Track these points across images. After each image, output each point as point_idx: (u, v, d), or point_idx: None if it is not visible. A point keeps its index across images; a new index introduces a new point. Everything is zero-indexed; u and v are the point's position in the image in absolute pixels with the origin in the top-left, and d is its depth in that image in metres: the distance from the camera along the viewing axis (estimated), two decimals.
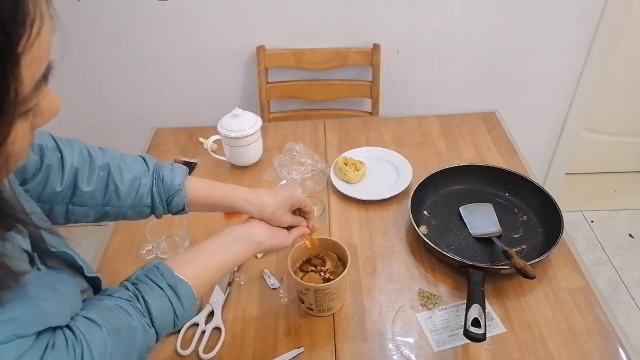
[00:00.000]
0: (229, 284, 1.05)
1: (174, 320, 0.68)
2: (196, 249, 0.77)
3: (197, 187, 0.85)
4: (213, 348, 0.93)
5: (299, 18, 1.77)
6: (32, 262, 0.54)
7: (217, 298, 1.01)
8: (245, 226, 0.83)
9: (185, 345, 0.94)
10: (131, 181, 0.80)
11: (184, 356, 0.93)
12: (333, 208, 1.25)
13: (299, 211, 0.92)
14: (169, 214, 0.86)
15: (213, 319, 0.98)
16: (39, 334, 0.52)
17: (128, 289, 0.66)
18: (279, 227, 0.87)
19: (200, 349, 0.93)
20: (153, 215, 0.85)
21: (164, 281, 0.67)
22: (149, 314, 0.64)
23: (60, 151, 0.75)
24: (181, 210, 0.85)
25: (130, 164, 0.82)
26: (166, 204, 0.83)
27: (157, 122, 1.62)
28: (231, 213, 1.20)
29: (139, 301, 0.65)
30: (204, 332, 0.96)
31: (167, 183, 0.82)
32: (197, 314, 0.98)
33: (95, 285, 0.71)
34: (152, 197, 0.82)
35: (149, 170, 0.83)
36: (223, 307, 1.01)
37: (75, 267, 0.66)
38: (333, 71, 1.84)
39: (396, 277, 1.06)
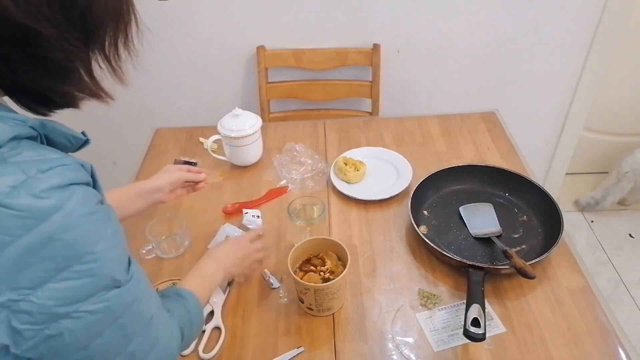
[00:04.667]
0: (229, 283, 1.05)
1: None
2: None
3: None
4: (213, 348, 0.93)
5: (299, 18, 1.77)
6: None
7: (217, 298, 1.01)
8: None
9: None
10: None
11: (184, 356, 0.93)
12: (333, 208, 1.25)
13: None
14: None
15: (213, 319, 0.98)
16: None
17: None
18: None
19: (200, 349, 0.93)
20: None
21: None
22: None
23: None
24: None
25: None
26: None
27: (157, 122, 1.62)
28: (230, 211, 1.22)
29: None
30: (204, 332, 0.96)
31: None
32: None
33: None
34: None
35: None
36: (223, 307, 1.01)
37: None
38: (333, 71, 1.84)
39: (396, 277, 1.06)
